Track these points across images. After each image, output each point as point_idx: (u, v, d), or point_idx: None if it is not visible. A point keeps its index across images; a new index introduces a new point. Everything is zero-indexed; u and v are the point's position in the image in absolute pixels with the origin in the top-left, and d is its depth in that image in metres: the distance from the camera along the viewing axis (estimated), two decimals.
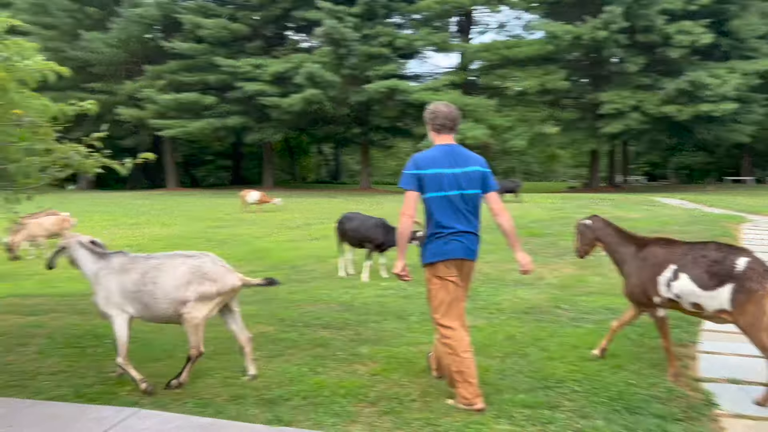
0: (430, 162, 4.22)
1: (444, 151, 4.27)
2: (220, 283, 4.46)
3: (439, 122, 4.35)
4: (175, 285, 4.47)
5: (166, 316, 4.65)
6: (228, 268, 4.60)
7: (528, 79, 31.43)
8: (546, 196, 28.25)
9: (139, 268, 4.66)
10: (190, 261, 4.53)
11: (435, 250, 4.26)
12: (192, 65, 36.07)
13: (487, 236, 13.26)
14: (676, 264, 4.48)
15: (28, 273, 10.65)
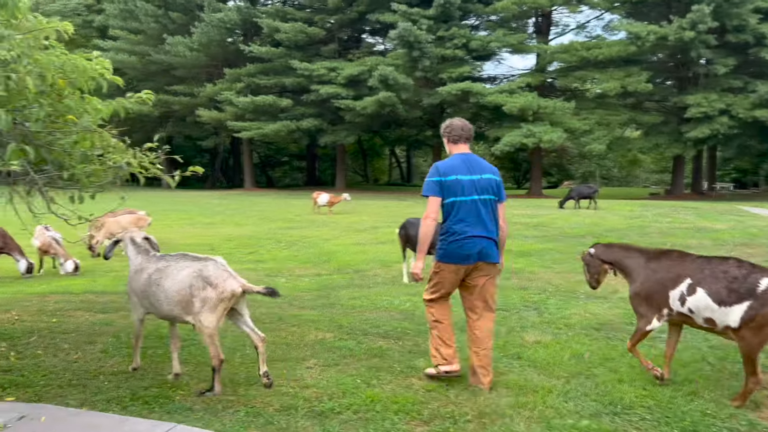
0: (450, 169, 4.57)
1: (462, 160, 4.64)
2: (220, 288, 4.40)
3: (456, 134, 4.74)
4: (177, 289, 4.50)
5: (172, 317, 4.72)
6: (230, 273, 4.53)
7: (608, 81, 30.32)
8: (625, 202, 27.20)
9: (150, 268, 4.74)
10: (194, 265, 4.51)
11: (449, 252, 4.62)
12: (269, 68, 36.87)
13: (558, 245, 12.89)
14: (691, 278, 4.43)
15: (105, 269, 11.05)
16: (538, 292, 8.68)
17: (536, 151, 34.91)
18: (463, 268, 4.64)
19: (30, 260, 10.48)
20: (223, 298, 4.40)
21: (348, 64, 34.79)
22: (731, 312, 4.19)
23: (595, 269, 5.24)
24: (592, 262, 5.25)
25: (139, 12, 38.32)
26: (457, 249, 4.56)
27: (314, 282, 10.00)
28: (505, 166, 66.73)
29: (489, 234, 4.60)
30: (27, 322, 6.70)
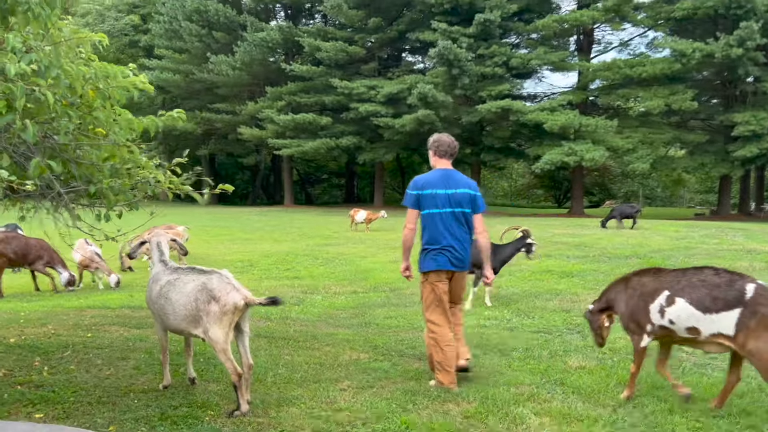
0: (427, 184, 5.04)
1: (440, 175, 5.08)
2: (222, 301, 4.30)
3: (443, 149, 5.16)
4: (183, 303, 4.45)
5: (180, 331, 4.66)
6: (234, 285, 4.40)
7: (652, 99, 29.64)
8: (669, 223, 26.39)
9: (162, 280, 4.69)
10: (200, 279, 4.45)
11: (429, 261, 5.06)
12: (310, 87, 37.21)
13: (602, 265, 12.49)
14: (669, 290, 4.54)
15: (143, 284, 11.09)
16: (582, 314, 8.35)
17: (578, 170, 34.30)
18: (442, 274, 5.06)
19: (72, 273, 10.61)
20: (226, 311, 4.31)
21: (387, 82, 34.86)
22: (720, 319, 4.26)
23: (596, 323, 5.30)
24: (593, 318, 5.31)
25: (184, 32, 39.17)
26: (434, 257, 5.04)
27: (350, 300, 9.85)
28: (545, 185, 65.92)
29: (460, 244, 5.06)
30: (62, 336, 6.70)
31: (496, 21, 30.54)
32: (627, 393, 4.88)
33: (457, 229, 5.05)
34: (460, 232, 5.06)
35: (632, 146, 29.82)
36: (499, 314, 8.37)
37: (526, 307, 8.89)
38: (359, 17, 35.88)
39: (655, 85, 30.59)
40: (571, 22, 31.56)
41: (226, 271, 4.66)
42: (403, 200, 5.19)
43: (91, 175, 3.16)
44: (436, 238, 5.01)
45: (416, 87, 31.13)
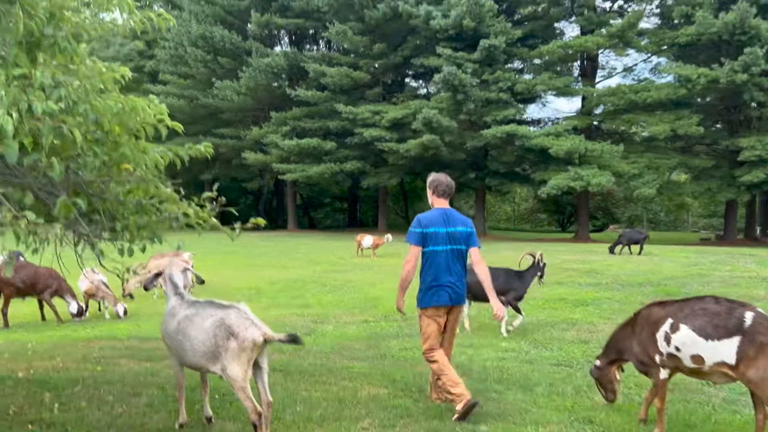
0: (430, 222, 5.30)
1: (440, 214, 5.37)
2: (241, 337, 4.18)
3: (441, 189, 5.46)
4: (201, 339, 4.32)
5: (198, 367, 4.52)
6: (253, 320, 4.28)
7: (658, 124, 29.64)
8: (677, 248, 26.23)
9: (180, 314, 4.55)
10: (218, 314, 4.32)
11: (429, 298, 5.29)
12: (314, 112, 37.32)
13: (616, 293, 12.31)
14: (672, 318, 4.61)
15: (149, 314, 10.94)
16: (601, 346, 8.15)
17: (583, 195, 34.20)
18: (442, 309, 5.31)
19: (81, 303, 10.46)
20: (245, 347, 4.18)
21: (392, 107, 34.96)
22: (720, 347, 4.31)
23: (606, 378, 5.30)
24: (602, 373, 5.29)
25: (189, 57, 39.39)
26: (435, 294, 5.27)
27: (362, 329, 9.68)
28: (549, 209, 65.82)
29: (458, 280, 5.32)
30: (71, 370, 6.53)
31: (501, 47, 30.67)
32: (657, 431, 4.74)
33: (455, 266, 5.32)
34: (457, 268, 5.33)
35: (638, 171, 29.76)
36: (516, 345, 8.19)
37: (543, 337, 8.71)
38: (364, 43, 36.10)
39: (660, 110, 30.63)
40: (575, 48, 31.69)
41: (244, 305, 4.52)
42: (406, 237, 5.36)
43: (116, 210, 3.04)
44: (437, 275, 5.25)
45: (421, 112, 31.18)
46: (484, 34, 31.06)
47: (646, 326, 4.82)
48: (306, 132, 37.41)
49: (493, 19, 31.47)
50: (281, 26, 39.87)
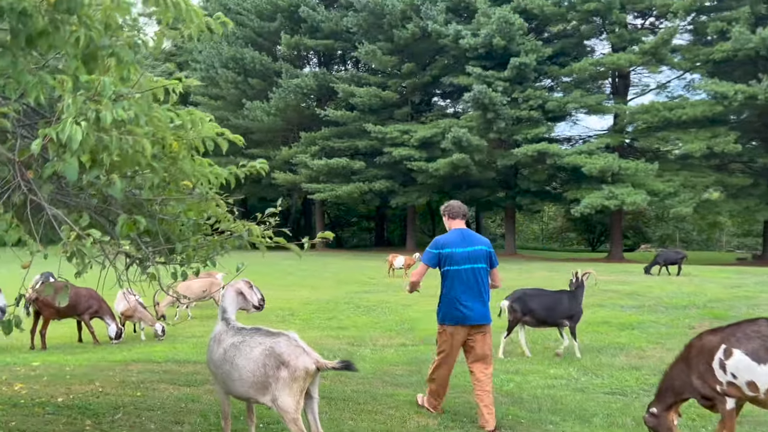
0: (446, 243, 5.48)
1: (457, 234, 5.55)
2: (292, 366, 3.98)
3: (454, 212, 5.67)
4: (250, 369, 4.12)
5: (246, 398, 4.32)
6: (304, 348, 4.08)
7: (693, 141, 29.02)
8: (715, 269, 25.51)
9: (226, 341, 4.33)
10: (267, 342, 4.13)
11: (448, 315, 5.50)
12: (343, 132, 37.38)
13: (660, 316, 11.86)
14: (725, 343, 4.45)
15: (186, 335, 10.81)
16: (654, 372, 7.78)
17: (616, 214, 33.58)
18: (462, 329, 5.45)
19: (120, 326, 10.36)
20: (297, 376, 3.98)
21: (421, 126, 34.86)
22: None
23: (664, 426, 4.88)
24: (659, 421, 4.89)
25: (220, 79, 39.83)
26: (455, 311, 5.43)
27: (401, 354, 9.41)
28: (578, 228, 64.90)
29: (481, 298, 5.45)
30: (111, 395, 6.37)
31: (532, 65, 30.45)
32: None
33: (476, 285, 5.43)
34: (478, 287, 5.44)
35: (673, 190, 29.11)
36: (565, 372, 7.85)
37: (591, 363, 8.35)
38: (392, 63, 36.15)
39: (695, 128, 30.01)
40: (608, 66, 31.29)
41: (293, 332, 4.31)
42: (422, 257, 5.63)
43: (172, 231, 2.87)
44: (457, 294, 5.41)
45: (450, 131, 31.01)
46: (515, 52, 30.87)
47: (701, 357, 4.60)
48: (335, 152, 37.46)
49: (523, 38, 31.31)
50: (310, 47, 40.17)
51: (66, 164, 2.18)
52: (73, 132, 2.07)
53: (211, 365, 4.55)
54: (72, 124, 2.08)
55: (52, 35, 2.25)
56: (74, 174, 2.21)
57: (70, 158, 2.19)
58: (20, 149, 2.38)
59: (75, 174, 2.21)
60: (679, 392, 4.83)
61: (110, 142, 2.20)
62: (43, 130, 2.18)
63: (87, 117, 2.15)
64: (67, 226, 2.25)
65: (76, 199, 2.69)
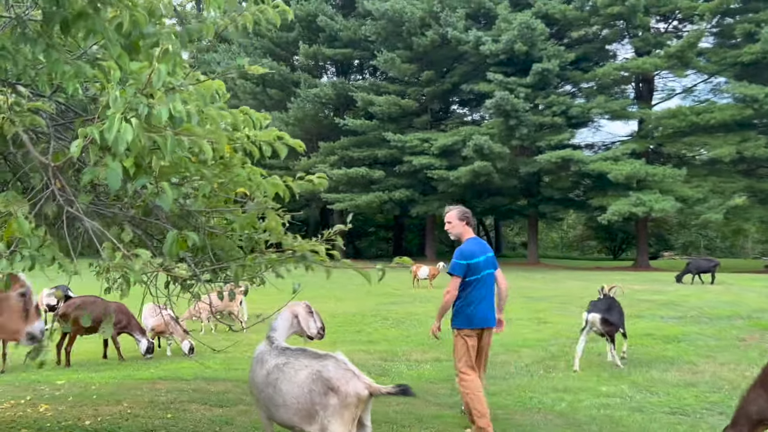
0: (472, 254, 5.60)
1: (475, 243, 5.74)
2: (342, 392, 3.58)
3: (469, 220, 5.84)
4: (295, 395, 3.72)
5: (290, 426, 3.85)
6: (354, 372, 3.69)
7: (722, 146, 28.33)
8: (747, 276, 24.81)
9: (269, 363, 3.94)
10: (313, 365, 3.75)
11: (464, 320, 5.63)
12: (362, 141, 37.09)
13: (705, 327, 11.33)
14: None
15: (208, 351, 10.44)
16: (713, 389, 7.31)
17: (642, 221, 32.90)
18: (475, 333, 5.64)
19: (151, 341, 10.05)
20: (348, 403, 3.58)
21: (441, 134, 34.46)
22: None
23: None
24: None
25: (239, 90, 39.75)
26: (477, 313, 5.58)
27: (438, 369, 8.98)
28: (600, 236, 63.98)
29: (492, 302, 5.73)
30: (140, 417, 6.01)
31: (554, 70, 29.99)
32: None
33: (489, 289, 5.70)
34: (490, 291, 5.71)
35: (702, 195, 28.41)
36: (617, 390, 7.38)
37: (643, 379, 7.87)
38: (412, 71, 35.85)
39: (723, 132, 29.32)
40: (632, 70, 30.75)
41: (340, 354, 3.92)
42: (450, 269, 5.63)
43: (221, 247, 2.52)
44: (476, 298, 5.57)
45: (471, 139, 30.58)
46: (537, 58, 30.43)
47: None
48: (354, 161, 37.14)
49: (545, 43, 30.86)
50: (328, 56, 39.98)
51: (108, 170, 1.83)
52: (122, 130, 1.72)
53: (253, 388, 4.17)
54: (120, 121, 1.73)
55: (91, 18, 1.90)
56: (117, 181, 1.86)
57: (113, 162, 1.84)
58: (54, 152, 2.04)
59: (118, 181, 1.86)
60: (756, 418, 4.44)
61: (164, 143, 1.85)
62: (83, 129, 1.83)
63: (138, 113, 1.80)
64: (109, 243, 1.89)
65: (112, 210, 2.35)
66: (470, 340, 5.63)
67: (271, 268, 2.84)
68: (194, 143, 1.95)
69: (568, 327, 12.10)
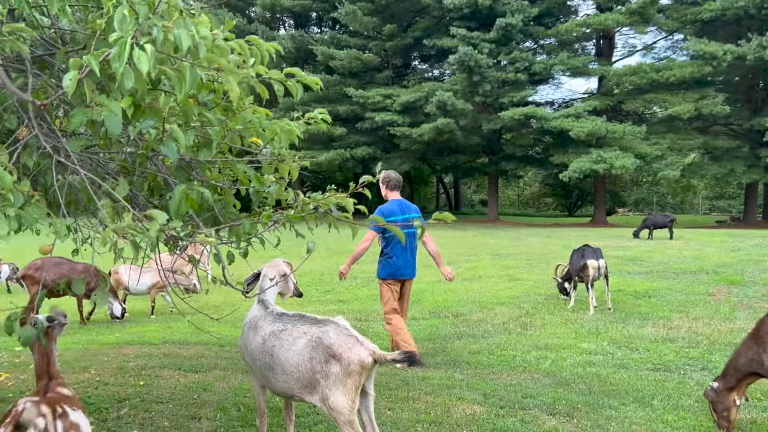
0: (390, 212, 6.44)
1: (397, 204, 6.61)
2: (345, 359, 3.37)
3: (393, 184, 6.72)
4: (294, 363, 3.50)
5: (290, 395, 3.66)
6: (357, 338, 3.47)
7: (681, 103, 28.65)
8: (702, 232, 25.41)
9: (265, 329, 3.70)
10: (313, 331, 3.52)
11: (387, 271, 6.63)
12: (323, 96, 36.25)
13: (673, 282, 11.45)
14: None
15: (176, 313, 10.09)
16: (691, 345, 7.35)
17: (601, 178, 33.30)
18: (398, 282, 6.68)
19: (123, 305, 9.65)
20: (351, 371, 3.36)
21: (403, 90, 33.90)
22: None
23: (723, 405, 4.53)
24: (719, 398, 4.55)
25: None
26: (397, 266, 6.57)
27: (416, 329, 8.84)
28: (556, 193, 64.91)
29: (412, 258, 6.67)
30: (111, 385, 5.68)
31: (518, 25, 29.63)
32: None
33: (409, 246, 6.54)
34: (410, 247, 6.57)
35: (661, 153, 28.81)
36: (597, 347, 7.35)
37: (620, 336, 7.87)
38: (373, 24, 35.00)
39: (682, 90, 29.63)
40: (594, 26, 30.59)
41: (341, 318, 3.66)
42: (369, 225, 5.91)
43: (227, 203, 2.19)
44: (395, 253, 6.54)
45: (435, 95, 30.13)
46: (500, 12, 30.01)
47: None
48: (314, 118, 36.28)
49: None
50: (287, 8, 38.69)
51: (106, 111, 1.48)
52: (135, 59, 1.36)
53: (245, 356, 3.88)
54: (132, 47, 1.37)
55: None
56: (118, 125, 1.51)
57: (111, 102, 1.49)
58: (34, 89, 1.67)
59: (119, 125, 1.51)
60: (744, 370, 4.46)
61: (180, 79, 1.50)
62: (76, 60, 1.47)
63: (153, 38, 1.44)
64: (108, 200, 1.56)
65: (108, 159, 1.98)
66: (393, 287, 6.61)
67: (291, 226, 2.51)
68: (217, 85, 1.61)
69: (538, 284, 12.12)
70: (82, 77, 1.45)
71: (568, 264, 10.21)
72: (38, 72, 1.83)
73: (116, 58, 1.40)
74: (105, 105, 1.50)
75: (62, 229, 1.56)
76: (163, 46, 1.48)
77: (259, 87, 2.20)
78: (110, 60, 1.41)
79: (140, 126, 1.65)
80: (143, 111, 1.68)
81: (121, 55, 1.40)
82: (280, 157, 2.25)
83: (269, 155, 2.22)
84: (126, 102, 1.61)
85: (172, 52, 1.52)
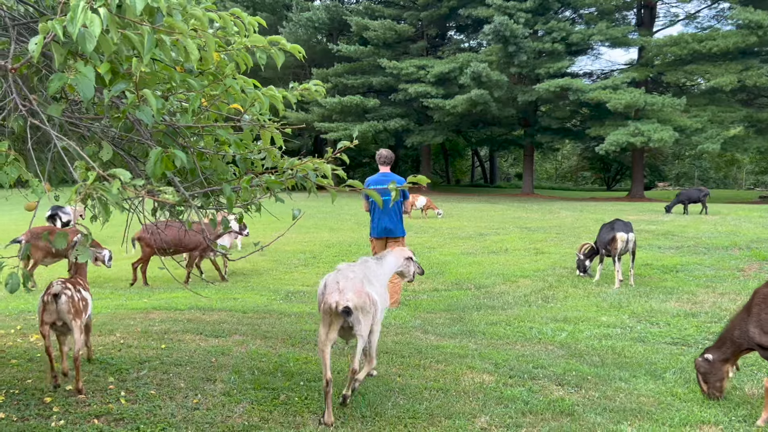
0: (374, 182, 7.74)
1: (381, 175, 7.93)
2: (323, 301, 4.12)
3: (383, 160, 8.10)
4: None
5: None
6: (338, 287, 4.06)
7: (724, 75, 27.69)
8: (742, 207, 24.75)
9: None
10: (330, 274, 4.37)
11: (372, 230, 8.03)
12: (356, 68, 36.12)
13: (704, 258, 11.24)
14: None
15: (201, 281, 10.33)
16: (713, 319, 7.24)
17: (638, 152, 32.59)
18: (380, 240, 7.92)
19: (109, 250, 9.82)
20: (324, 310, 4.10)
21: (437, 61, 33.50)
22: None
23: (716, 375, 4.56)
24: (712, 369, 4.56)
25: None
26: (378, 226, 7.87)
27: (437, 300, 8.91)
28: (594, 167, 63.82)
29: (392, 220, 7.84)
30: (134, 348, 5.89)
31: None
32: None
33: (392, 212, 7.79)
34: (393, 213, 7.81)
35: (701, 125, 27.99)
36: (617, 320, 7.31)
37: (642, 310, 7.80)
38: None
39: (725, 61, 28.61)
40: None
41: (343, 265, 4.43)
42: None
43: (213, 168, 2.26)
44: (377, 216, 7.88)
45: (469, 66, 29.70)
46: None
47: (765, 305, 4.28)
48: (348, 89, 36.23)
49: None
50: None
51: (79, 75, 1.55)
52: (88, 22, 1.42)
53: None
54: (85, 11, 1.43)
55: None
56: (90, 89, 1.58)
57: (84, 66, 1.55)
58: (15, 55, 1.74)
59: (91, 89, 1.58)
60: (737, 342, 4.47)
61: (140, 41, 1.55)
62: (44, 25, 1.53)
63: (107, 2, 1.49)
64: (82, 162, 1.63)
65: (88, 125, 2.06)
66: (377, 244, 7.90)
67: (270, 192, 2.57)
68: (178, 47, 1.66)
69: (565, 257, 12.03)
70: (48, 42, 1.52)
71: (597, 237, 10.10)
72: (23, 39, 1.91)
73: (71, 22, 1.46)
74: (79, 69, 1.56)
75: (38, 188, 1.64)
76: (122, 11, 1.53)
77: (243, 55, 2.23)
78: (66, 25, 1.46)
79: (113, 91, 1.71)
80: (122, 77, 1.74)
81: (73, 18, 1.45)
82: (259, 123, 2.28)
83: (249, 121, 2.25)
84: (104, 68, 1.67)
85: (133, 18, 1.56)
